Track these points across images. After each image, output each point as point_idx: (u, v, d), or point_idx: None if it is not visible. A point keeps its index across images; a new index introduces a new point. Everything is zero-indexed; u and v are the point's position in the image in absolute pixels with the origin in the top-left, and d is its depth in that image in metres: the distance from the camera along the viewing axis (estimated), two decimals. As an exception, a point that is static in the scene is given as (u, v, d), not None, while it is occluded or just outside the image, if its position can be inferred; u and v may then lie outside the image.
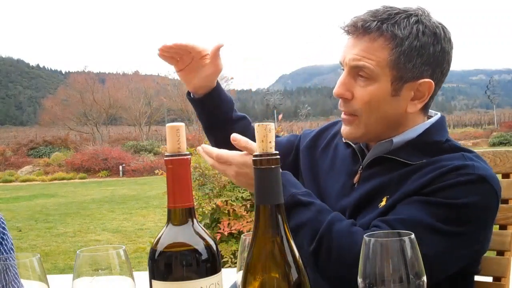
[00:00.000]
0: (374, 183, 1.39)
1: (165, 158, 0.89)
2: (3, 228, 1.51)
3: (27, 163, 25.69)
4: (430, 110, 1.48)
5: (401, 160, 1.38)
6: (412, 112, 1.39)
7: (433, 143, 1.39)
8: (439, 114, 1.47)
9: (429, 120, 1.44)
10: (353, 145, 1.51)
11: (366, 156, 1.47)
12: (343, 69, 1.40)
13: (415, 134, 1.41)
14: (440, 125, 1.44)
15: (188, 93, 1.71)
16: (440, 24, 1.37)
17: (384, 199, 1.34)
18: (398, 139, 1.40)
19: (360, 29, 1.33)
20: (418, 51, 1.32)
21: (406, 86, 1.35)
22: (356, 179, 1.46)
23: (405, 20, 1.32)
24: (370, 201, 1.38)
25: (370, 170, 1.43)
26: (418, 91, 1.37)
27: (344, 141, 1.56)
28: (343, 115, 1.43)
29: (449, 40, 1.38)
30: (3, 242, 1.49)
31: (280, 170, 0.85)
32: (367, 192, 1.40)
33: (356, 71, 1.35)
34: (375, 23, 1.32)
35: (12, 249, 1.52)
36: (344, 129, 1.44)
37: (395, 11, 1.34)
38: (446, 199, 1.26)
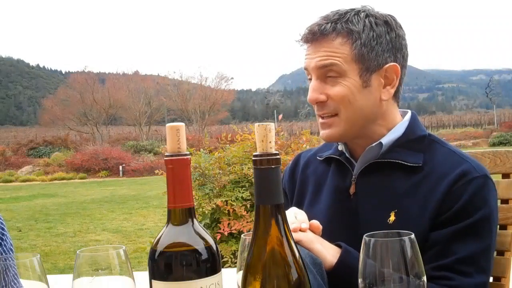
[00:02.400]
0: (377, 193, 1.40)
1: (165, 158, 0.89)
2: (2, 229, 1.50)
3: (27, 163, 25.69)
4: (399, 109, 1.51)
5: (397, 161, 1.39)
6: (386, 99, 1.42)
7: (419, 138, 1.44)
8: (409, 111, 1.52)
9: (406, 117, 1.48)
10: (337, 157, 1.50)
11: (355, 164, 1.46)
12: (310, 78, 1.44)
13: (400, 133, 1.44)
14: (417, 120, 1.50)
15: None
16: (388, 14, 1.43)
17: (392, 214, 1.35)
18: (386, 140, 1.42)
19: (318, 33, 1.38)
20: (376, 40, 1.38)
21: (374, 75, 1.39)
22: (352, 189, 1.45)
23: (356, 16, 1.39)
24: (375, 214, 1.38)
25: (366, 177, 1.43)
26: (386, 78, 1.41)
27: (320, 158, 1.57)
28: (321, 120, 1.44)
29: (400, 26, 1.44)
30: (2, 243, 1.49)
31: (281, 171, 0.85)
32: (371, 204, 1.39)
33: (324, 73, 1.38)
34: (329, 25, 1.38)
35: (11, 250, 1.51)
36: (324, 132, 1.44)
37: (344, 11, 1.40)
38: (477, 214, 1.30)
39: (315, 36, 1.38)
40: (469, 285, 1.27)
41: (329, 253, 1.29)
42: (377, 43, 1.38)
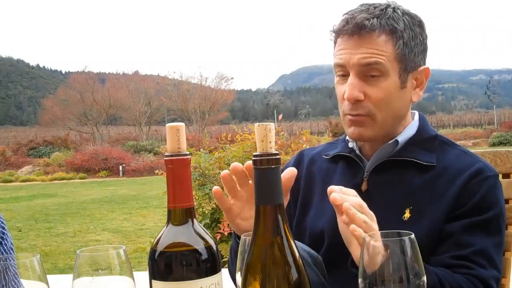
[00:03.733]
0: (390, 190, 1.39)
1: (165, 158, 0.89)
2: (3, 228, 1.50)
3: (27, 163, 25.67)
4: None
5: (411, 159, 1.40)
6: (416, 101, 1.44)
7: (431, 138, 1.45)
8: (416, 112, 1.53)
9: (416, 117, 1.49)
10: (347, 154, 1.49)
11: (365, 161, 1.46)
12: (342, 75, 1.40)
13: (413, 132, 1.45)
14: (426, 120, 1.51)
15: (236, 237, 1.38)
16: (414, 12, 1.42)
17: (407, 211, 1.35)
18: (401, 138, 1.43)
19: (367, 27, 1.33)
20: (414, 41, 1.37)
21: (410, 76, 1.39)
22: (363, 186, 1.43)
23: (396, 13, 1.36)
24: (389, 211, 1.37)
25: (379, 175, 1.42)
26: (417, 79, 1.42)
27: (327, 157, 1.54)
28: (351, 117, 1.39)
29: (425, 26, 1.44)
30: (2, 242, 1.49)
31: (281, 171, 0.85)
32: (384, 201, 1.38)
33: (366, 71, 1.34)
34: (376, 20, 1.34)
35: (12, 249, 1.51)
36: (355, 130, 1.39)
37: (382, 6, 1.37)
38: (490, 211, 1.32)
39: (363, 30, 1.33)
40: (487, 277, 1.29)
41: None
42: (415, 44, 1.37)
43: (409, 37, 1.35)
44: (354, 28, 1.34)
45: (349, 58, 1.35)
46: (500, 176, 1.63)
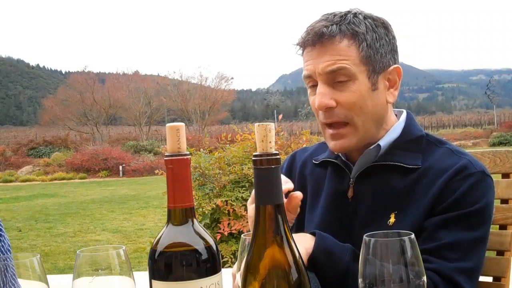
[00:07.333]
0: (376, 196, 1.38)
1: (165, 158, 0.89)
2: (0, 230, 1.50)
3: (27, 163, 25.68)
4: (394, 109, 1.50)
5: (396, 164, 1.38)
6: (392, 102, 1.42)
7: (417, 138, 1.42)
8: (404, 111, 1.51)
9: (402, 118, 1.47)
10: (333, 160, 1.48)
11: (352, 167, 1.44)
12: (312, 85, 1.40)
13: (397, 134, 1.43)
14: (413, 120, 1.48)
15: None
16: (378, 16, 1.42)
17: (392, 216, 1.34)
18: (383, 142, 1.40)
19: (326, 34, 1.34)
20: (379, 42, 1.37)
21: (380, 77, 1.38)
22: (350, 193, 1.43)
23: (357, 18, 1.37)
24: (375, 216, 1.37)
25: (364, 181, 1.41)
26: (389, 80, 1.41)
27: (315, 162, 1.54)
28: (331, 131, 1.39)
29: (392, 28, 1.44)
30: (0, 244, 1.48)
31: (281, 172, 0.85)
32: (370, 207, 1.38)
33: (332, 78, 1.35)
34: (335, 26, 1.34)
35: (9, 250, 1.50)
36: (337, 143, 1.39)
37: (342, 13, 1.38)
38: (470, 207, 1.29)
39: (322, 38, 1.34)
40: (448, 269, 1.25)
41: (306, 242, 1.26)
42: (380, 45, 1.36)
43: (372, 38, 1.35)
44: (314, 38, 1.35)
45: (315, 67, 1.36)
46: (500, 176, 1.63)
